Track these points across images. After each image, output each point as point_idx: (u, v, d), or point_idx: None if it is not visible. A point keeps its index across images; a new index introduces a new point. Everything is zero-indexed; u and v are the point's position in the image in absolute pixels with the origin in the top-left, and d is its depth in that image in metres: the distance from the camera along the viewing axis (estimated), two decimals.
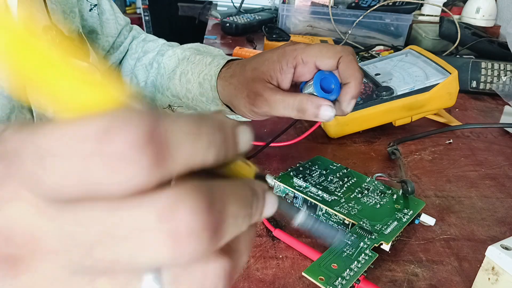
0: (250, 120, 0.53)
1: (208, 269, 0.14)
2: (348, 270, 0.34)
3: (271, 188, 0.18)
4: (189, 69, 0.57)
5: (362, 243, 0.37)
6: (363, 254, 0.36)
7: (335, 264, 0.34)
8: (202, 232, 0.13)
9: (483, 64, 0.82)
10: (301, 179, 0.45)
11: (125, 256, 0.13)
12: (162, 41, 0.70)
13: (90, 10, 0.61)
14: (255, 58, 0.46)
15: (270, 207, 0.17)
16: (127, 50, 0.70)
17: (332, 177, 0.46)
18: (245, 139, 0.15)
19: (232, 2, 1.27)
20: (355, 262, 0.35)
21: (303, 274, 0.33)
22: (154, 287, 0.14)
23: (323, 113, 0.41)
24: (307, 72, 0.43)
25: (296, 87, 0.45)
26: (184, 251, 0.13)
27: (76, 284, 0.14)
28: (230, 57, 0.54)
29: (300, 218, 0.24)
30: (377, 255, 0.36)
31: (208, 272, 0.14)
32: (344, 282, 0.33)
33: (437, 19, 1.12)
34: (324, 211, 0.42)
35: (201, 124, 0.14)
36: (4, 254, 0.14)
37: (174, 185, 0.13)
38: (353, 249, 0.36)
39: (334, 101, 0.42)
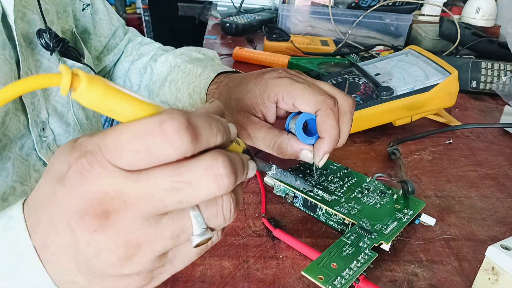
0: None
1: (225, 197, 0.23)
2: (347, 269, 0.34)
3: (253, 157, 0.27)
4: (179, 78, 0.56)
5: (361, 243, 0.37)
6: (362, 254, 0.36)
7: (335, 264, 0.34)
8: (231, 175, 0.21)
9: (483, 64, 0.82)
10: (301, 179, 0.45)
11: (187, 197, 0.21)
12: (157, 44, 0.70)
13: (83, 9, 0.61)
14: (239, 87, 0.45)
15: (251, 169, 0.25)
16: (122, 52, 0.70)
17: (332, 177, 0.46)
18: (234, 129, 0.24)
19: (232, 2, 1.27)
20: (355, 261, 0.35)
21: (302, 273, 0.33)
22: (197, 215, 0.22)
23: (303, 157, 0.42)
24: (289, 109, 0.43)
25: (284, 119, 0.44)
26: (223, 187, 0.21)
27: (147, 228, 0.21)
28: (221, 69, 0.53)
29: (273, 171, 0.35)
30: (377, 254, 0.36)
31: (225, 199, 0.23)
32: (343, 281, 0.33)
33: (437, 19, 1.12)
34: (324, 211, 0.42)
35: (211, 118, 0.22)
36: (100, 210, 0.21)
37: (207, 153, 0.21)
38: (353, 249, 0.36)
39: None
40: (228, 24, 1.08)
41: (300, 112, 0.42)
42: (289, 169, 0.47)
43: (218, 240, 0.25)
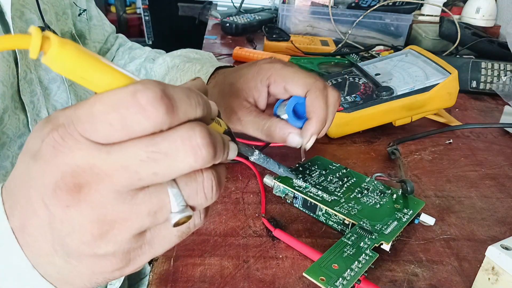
0: None
1: (206, 174, 0.22)
2: (349, 270, 0.34)
3: (234, 139, 0.26)
4: (178, 77, 0.57)
5: (362, 243, 0.37)
6: (363, 254, 0.36)
7: (336, 265, 0.34)
8: (209, 146, 0.20)
9: (483, 64, 0.82)
10: (301, 179, 0.45)
11: (163, 169, 0.20)
12: (148, 48, 0.72)
13: (79, 14, 0.62)
14: (234, 72, 0.47)
15: (232, 150, 0.24)
16: (114, 57, 0.71)
17: (331, 177, 0.46)
18: (215, 107, 0.24)
19: (232, 2, 1.27)
20: (356, 262, 0.35)
21: (304, 274, 0.33)
22: (176, 192, 0.21)
23: (290, 140, 0.42)
24: (279, 93, 0.43)
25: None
26: (200, 158, 0.20)
27: (121, 203, 0.20)
28: (219, 64, 0.54)
29: (255, 156, 0.36)
30: (378, 255, 0.36)
31: (206, 176, 0.22)
32: (345, 282, 0.33)
33: (437, 19, 1.12)
34: (324, 211, 0.42)
35: (190, 91, 0.21)
36: (72, 184, 0.20)
37: (185, 124, 0.20)
38: (354, 249, 0.36)
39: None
40: (228, 24, 1.08)
41: (289, 99, 0.43)
42: (289, 169, 0.47)
43: (201, 224, 0.24)
